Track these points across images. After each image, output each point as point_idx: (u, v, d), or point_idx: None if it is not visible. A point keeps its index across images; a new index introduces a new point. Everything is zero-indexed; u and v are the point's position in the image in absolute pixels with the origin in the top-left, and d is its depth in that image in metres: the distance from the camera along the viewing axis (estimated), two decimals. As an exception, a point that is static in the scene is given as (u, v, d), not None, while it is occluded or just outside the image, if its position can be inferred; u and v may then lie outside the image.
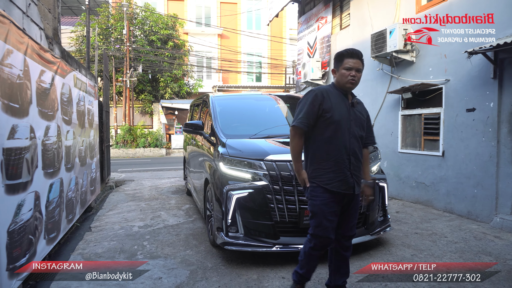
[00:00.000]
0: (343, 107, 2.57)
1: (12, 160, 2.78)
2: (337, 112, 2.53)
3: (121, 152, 18.67)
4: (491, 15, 4.79)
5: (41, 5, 4.76)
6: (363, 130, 2.64)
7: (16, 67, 2.95)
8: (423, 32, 5.82)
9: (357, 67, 2.52)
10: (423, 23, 5.73)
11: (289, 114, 5.25)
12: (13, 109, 2.83)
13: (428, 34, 5.85)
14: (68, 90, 4.68)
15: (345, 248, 2.70)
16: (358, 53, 2.56)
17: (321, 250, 2.61)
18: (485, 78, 4.93)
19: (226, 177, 3.67)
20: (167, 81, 22.12)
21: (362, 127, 2.63)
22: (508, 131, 4.72)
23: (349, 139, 2.54)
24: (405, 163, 6.50)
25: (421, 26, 5.83)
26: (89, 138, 5.97)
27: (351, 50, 2.55)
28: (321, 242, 2.56)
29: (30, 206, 3.14)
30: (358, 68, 2.53)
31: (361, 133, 2.61)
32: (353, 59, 2.52)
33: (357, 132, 2.58)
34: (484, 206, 5.00)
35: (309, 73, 9.30)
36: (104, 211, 6.07)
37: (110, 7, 23.02)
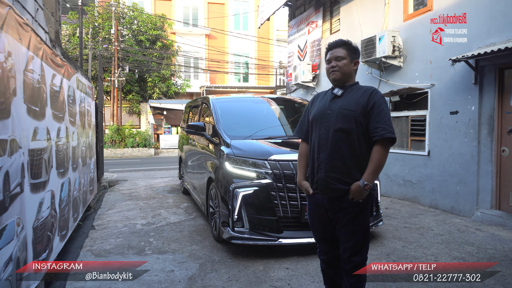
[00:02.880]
0: (323, 103, 2.34)
1: (35, 160, 2.95)
2: (314, 111, 2.37)
3: (110, 152, 18.58)
4: (478, 22, 5.16)
5: (46, 9, 4.89)
6: (351, 122, 2.18)
7: (36, 72, 3.11)
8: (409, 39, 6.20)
9: (335, 55, 2.28)
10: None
11: (286, 116, 5.53)
12: (35, 112, 2.99)
13: (414, 41, 6.23)
14: (73, 92, 4.82)
15: (346, 272, 2.28)
16: (336, 42, 2.34)
17: (323, 263, 2.48)
18: (467, 84, 5.33)
19: (231, 176, 3.90)
20: (155, 81, 22.11)
21: (346, 118, 2.19)
22: (488, 132, 5.12)
23: (321, 134, 2.27)
24: (393, 162, 6.87)
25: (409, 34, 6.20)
26: (88, 139, 6.09)
27: (329, 43, 2.38)
28: (319, 253, 2.48)
29: (48, 204, 3.31)
30: (337, 56, 2.28)
31: (341, 126, 2.19)
32: (330, 51, 2.34)
33: (335, 124, 2.21)
34: (466, 201, 5.40)
35: (300, 75, 9.61)
36: (103, 210, 6.19)
37: (97, 6, 22.80)
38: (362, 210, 2.21)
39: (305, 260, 3.70)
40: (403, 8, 6.59)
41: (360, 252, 2.24)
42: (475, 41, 5.16)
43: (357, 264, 2.23)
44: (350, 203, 2.18)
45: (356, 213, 2.19)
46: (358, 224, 2.21)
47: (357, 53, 2.36)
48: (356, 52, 2.35)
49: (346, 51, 2.29)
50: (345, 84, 2.32)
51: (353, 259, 2.22)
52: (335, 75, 2.30)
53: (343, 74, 2.29)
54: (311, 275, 3.35)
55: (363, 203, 2.20)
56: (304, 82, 9.59)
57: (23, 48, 2.76)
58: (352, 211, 2.19)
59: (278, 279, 3.26)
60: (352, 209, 2.19)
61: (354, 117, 2.19)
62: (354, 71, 2.34)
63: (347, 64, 2.28)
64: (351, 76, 2.32)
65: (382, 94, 2.26)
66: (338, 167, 2.20)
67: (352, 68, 2.32)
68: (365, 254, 2.29)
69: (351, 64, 2.31)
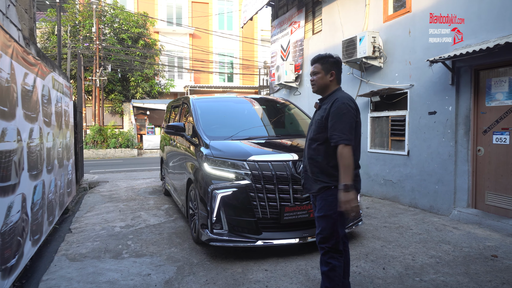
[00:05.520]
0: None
1: (3, 163, 2.83)
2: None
3: (91, 153, 18.23)
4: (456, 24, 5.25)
5: (19, 6, 4.72)
6: (319, 131, 2.55)
7: (4, 71, 2.99)
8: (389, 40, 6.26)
9: (313, 71, 2.68)
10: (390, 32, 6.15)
11: (267, 116, 5.50)
12: (2, 112, 2.87)
13: (393, 41, 6.31)
14: (48, 91, 4.68)
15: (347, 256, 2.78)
16: (313, 58, 2.72)
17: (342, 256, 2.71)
18: (445, 84, 5.42)
19: (210, 177, 3.85)
20: (138, 80, 21.81)
21: (317, 128, 2.57)
22: (464, 132, 5.22)
23: (306, 143, 2.73)
24: (374, 162, 6.95)
25: (389, 35, 6.26)
26: (65, 140, 5.93)
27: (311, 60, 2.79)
28: (339, 247, 2.70)
29: (18, 208, 3.19)
30: (313, 71, 2.68)
31: (313, 135, 2.61)
32: (311, 67, 2.73)
33: (310, 134, 2.67)
34: (444, 200, 5.49)
35: (283, 75, 9.61)
36: (81, 212, 6.05)
37: (77, 4, 22.32)
38: None
39: (284, 262, 3.68)
40: (383, 9, 6.66)
41: None
42: (452, 43, 5.25)
43: (318, 238, 2.66)
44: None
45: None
46: None
47: (333, 65, 2.64)
48: (332, 64, 2.64)
49: (321, 65, 2.65)
50: (324, 94, 2.68)
51: (316, 235, 2.69)
52: (313, 88, 2.73)
53: (319, 87, 2.68)
54: (290, 276, 3.33)
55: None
56: (287, 82, 9.61)
57: (-12, 46, 2.65)
58: (319, 199, 2.62)
59: (256, 281, 3.23)
60: (318, 198, 2.63)
61: (325, 126, 2.53)
62: (330, 81, 2.65)
63: (321, 77, 2.64)
64: (328, 86, 2.66)
65: (344, 103, 2.49)
66: (311, 169, 2.63)
67: (328, 79, 2.64)
68: None
69: (327, 76, 2.64)
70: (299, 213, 3.79)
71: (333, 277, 2.48)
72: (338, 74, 2.67)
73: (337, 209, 2.46)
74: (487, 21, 4.80)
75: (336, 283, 2.48)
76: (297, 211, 3.78)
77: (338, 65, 2.68)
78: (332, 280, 2.48)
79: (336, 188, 2.49)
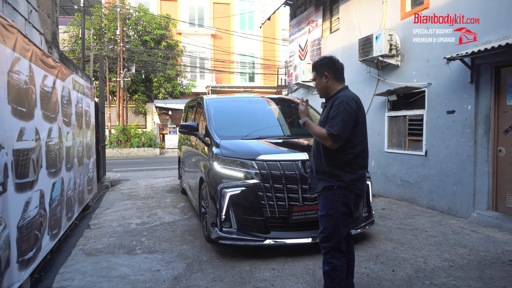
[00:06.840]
0: None
1: (21, 160, 2.99)
2: None
3: (115, 152, 18.77)
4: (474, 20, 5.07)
5: (41, 11, 4.95)
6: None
7: (23, 73, 3.15)
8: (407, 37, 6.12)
9: (312, 78, 2.87)
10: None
11: (280, 116, 5.51)
12: (21, 112, 3.03)
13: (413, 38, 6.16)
14: (68, 92, 4.88)
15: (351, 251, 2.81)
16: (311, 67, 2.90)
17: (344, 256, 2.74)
18: (463, 82, 5.24)
19: (220, 176, 3.91)
20: (161, 81, 22.26)
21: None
22: (484, 132, 5.04)
23: (313, 143, 2.79)
24: (391, 162, 6.81)
25: (406, 32, 6.12)
26: (86, 139, 6.16)
27: None
28: (343, 247, 2.72)
29: (36, 204, 3.35)
30: (313, 78, 2.84)
31: None
32: None
33: None
34: (463, 202, 5.31)
35: (300, 75, 9.57)
36: (101, 209, 6.26)
37: (103, 8, 23.04)
38: None
39: (293, 261, 3.68)
40: (401, 6, 6.51)
41: None
42: (472, 39, 5.08)
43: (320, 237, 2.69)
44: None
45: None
46: None
47: (324, 66, 2.67)
48: (323, 66, 2.68)
49: (315, 71, 2.75)
50: (329, 95, 2.71)
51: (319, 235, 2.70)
52: (318, 94, 2.82)
53: (319, 91, 2.77)
54: (296, 276, 3.34)
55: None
56: (304, 82, 9.55)
57: (7, 49, 2.80)
58: (320, 198, 2.66)
59: (262, 280, 3.25)
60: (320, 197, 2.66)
61: None
62: (327, 83, 2.68)
63: (318, 82, 2.74)
64: (327, 88, 2.70)
65: (342, 101, 2.51)
66: (315, 167, 2.69)
67: (324, 81, 2.69)
68: None
69: (322, 79, 2.70)
70: (307, 213, 3.78)
71: (334, 277, 2.47)
72: (334, 73, 2.66)
73: (339, 209, 2.47)
74: (508, 17, 4.61)
75: (337, 283, 2.47)
76: (306, 210, 3.78)
77: (329, 65, 2.67)
78: (333, 280, 2.47)
79: (338, 188, 2.50)
